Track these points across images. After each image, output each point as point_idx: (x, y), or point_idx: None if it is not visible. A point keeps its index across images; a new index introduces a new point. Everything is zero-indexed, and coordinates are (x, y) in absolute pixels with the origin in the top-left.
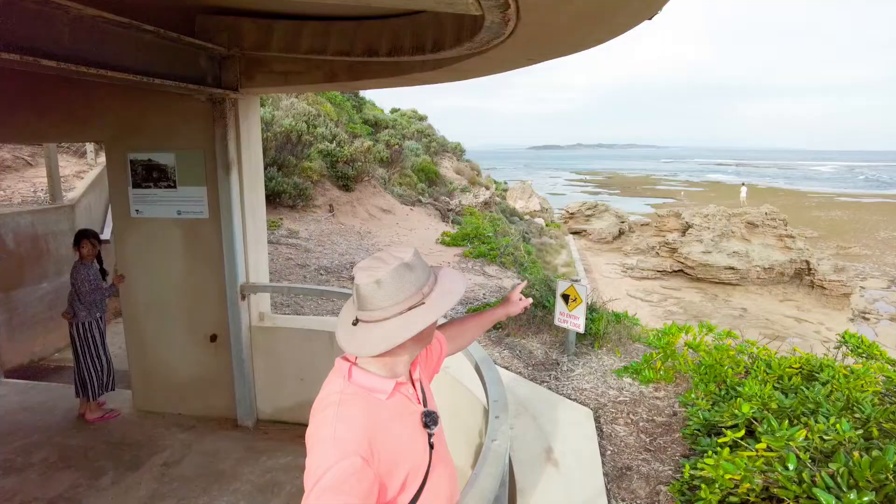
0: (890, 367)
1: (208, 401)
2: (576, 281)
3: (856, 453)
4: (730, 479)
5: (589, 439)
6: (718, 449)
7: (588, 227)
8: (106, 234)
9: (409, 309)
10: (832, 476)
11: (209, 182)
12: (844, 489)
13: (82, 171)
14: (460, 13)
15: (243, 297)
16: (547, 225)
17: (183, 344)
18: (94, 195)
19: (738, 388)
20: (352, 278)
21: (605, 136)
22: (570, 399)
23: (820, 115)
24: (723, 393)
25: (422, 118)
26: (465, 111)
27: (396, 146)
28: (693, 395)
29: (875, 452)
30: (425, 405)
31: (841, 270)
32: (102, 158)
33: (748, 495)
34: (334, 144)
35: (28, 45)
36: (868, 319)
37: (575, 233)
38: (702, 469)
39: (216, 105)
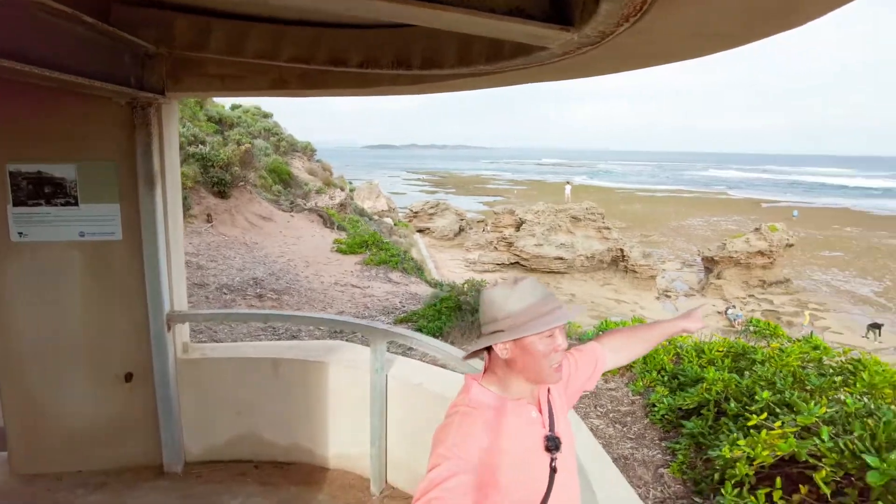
0: (810, 346)
1: (121, 450)
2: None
3: (869, 420)
4: (768, 454)
5: (586, 434)
6: (752, 431)
7: (431, 225)
8: None
9: (494, 332)
10: (861, 440)
11: (124, 198)
12: (873, 451)
13: None
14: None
15: (169, 328)
16: (395, 224)
17: (85, 388)
18: None
19: (685, 374)
20: (258, 296)
21: (437, 136)
22: None
23: (633, 117)
24: (666, 379)
25: (267, 115)
26: (299, 105)
27: (248, 145)
28: (641, 384)
29: (884, 416)
30: (552, 429)
31: (648, 256)
32: None
33: (763, 469)
34: (209, 148)
35: None
36: (670, 297)
37: (419, 231)
38: (734, 450)
39: (139, 110)
